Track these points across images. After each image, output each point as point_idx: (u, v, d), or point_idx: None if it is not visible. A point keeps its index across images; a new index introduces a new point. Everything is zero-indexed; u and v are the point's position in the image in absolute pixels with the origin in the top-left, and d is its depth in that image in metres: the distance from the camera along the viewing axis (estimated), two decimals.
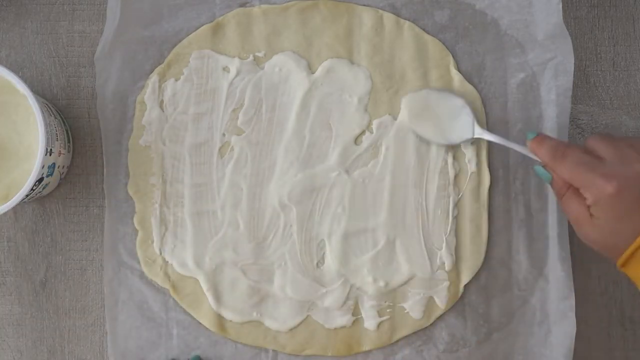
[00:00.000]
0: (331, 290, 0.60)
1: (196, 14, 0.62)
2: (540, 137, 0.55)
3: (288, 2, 0.62)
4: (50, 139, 0.54)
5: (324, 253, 0.61)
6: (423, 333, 0.60)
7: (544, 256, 0.61)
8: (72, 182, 0.62)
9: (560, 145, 0.53)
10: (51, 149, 0.55)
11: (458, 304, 0.61)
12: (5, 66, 0.55)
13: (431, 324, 0.60)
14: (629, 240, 0.50)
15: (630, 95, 0.63)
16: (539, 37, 0.61)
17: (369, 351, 0.60)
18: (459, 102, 0.60)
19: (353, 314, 0.60)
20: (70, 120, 0.62)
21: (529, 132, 0.57)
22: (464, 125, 0.59)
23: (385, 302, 0.60)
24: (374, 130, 0.61)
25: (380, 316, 0.60)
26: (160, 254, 0.60)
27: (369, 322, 0.60)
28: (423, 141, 0.61)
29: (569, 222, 0.61)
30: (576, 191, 0.52)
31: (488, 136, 0.59)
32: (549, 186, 0.61)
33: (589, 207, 0.51)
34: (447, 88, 0.61)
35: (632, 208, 0.49)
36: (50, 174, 0.56)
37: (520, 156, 0.61)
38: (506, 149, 0.61)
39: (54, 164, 0.56)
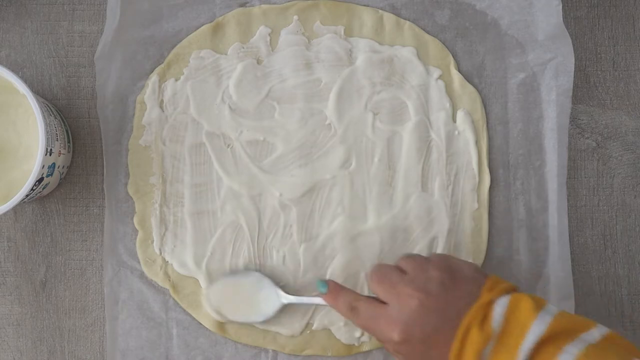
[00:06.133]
0: None
1: (196, 14, 0.62)
2: (335, 291, 0.55)
3: (288, 2, 0.62)
4: (50, 139, 0.54)
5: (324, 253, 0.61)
6: None
7: (544, 256, 0.61)
8: (72, 182, 0.62)
9: (353, 299, 0.54)
10: (51, 149, 0.55)
11: None
12: (5, 66, 0.55)
13: None
14: None
15: (630, 95, 0.63)
16: (539, 37, 0.61)
17: (369, 351, 0.60)
18: (256, 275, 0.59)
19: None
20: (70, 120, 0.62)
21: (318, 281, 0.56)
22: (270, 294, 0.58)
23: None
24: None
25: None
26: (160, 254, 0.60)
27: None
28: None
29: (569, 223, 0.61)
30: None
31: (294, 299, 0.58)
32: (549, 186, 0.61)
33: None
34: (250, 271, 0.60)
35: (421, 350, 0.50)
36: (50, 174, 0.56)
37: (521, 156, 0.61)
38: (506, 149, 0.61)
39: (54, 164, 0.56)
